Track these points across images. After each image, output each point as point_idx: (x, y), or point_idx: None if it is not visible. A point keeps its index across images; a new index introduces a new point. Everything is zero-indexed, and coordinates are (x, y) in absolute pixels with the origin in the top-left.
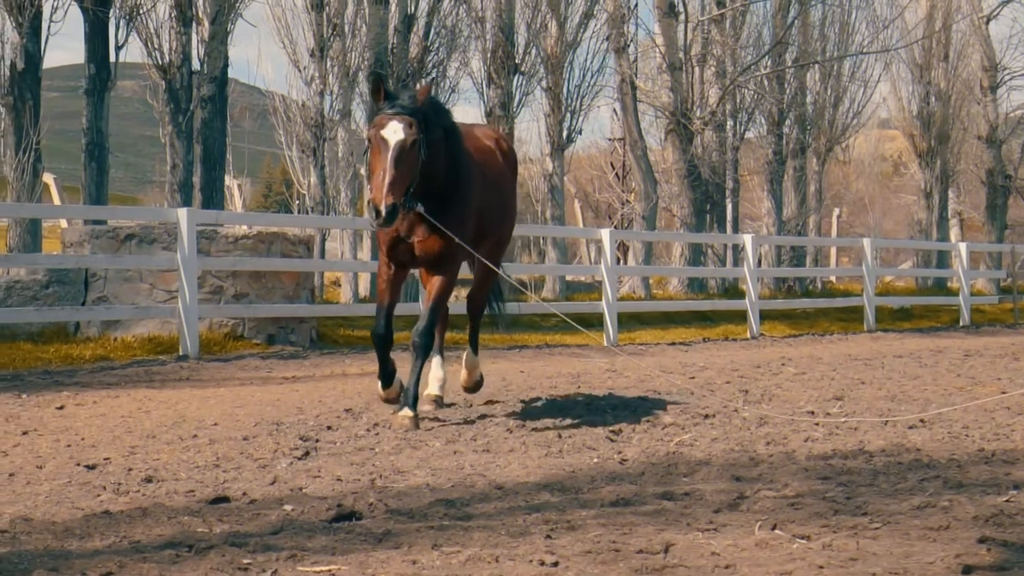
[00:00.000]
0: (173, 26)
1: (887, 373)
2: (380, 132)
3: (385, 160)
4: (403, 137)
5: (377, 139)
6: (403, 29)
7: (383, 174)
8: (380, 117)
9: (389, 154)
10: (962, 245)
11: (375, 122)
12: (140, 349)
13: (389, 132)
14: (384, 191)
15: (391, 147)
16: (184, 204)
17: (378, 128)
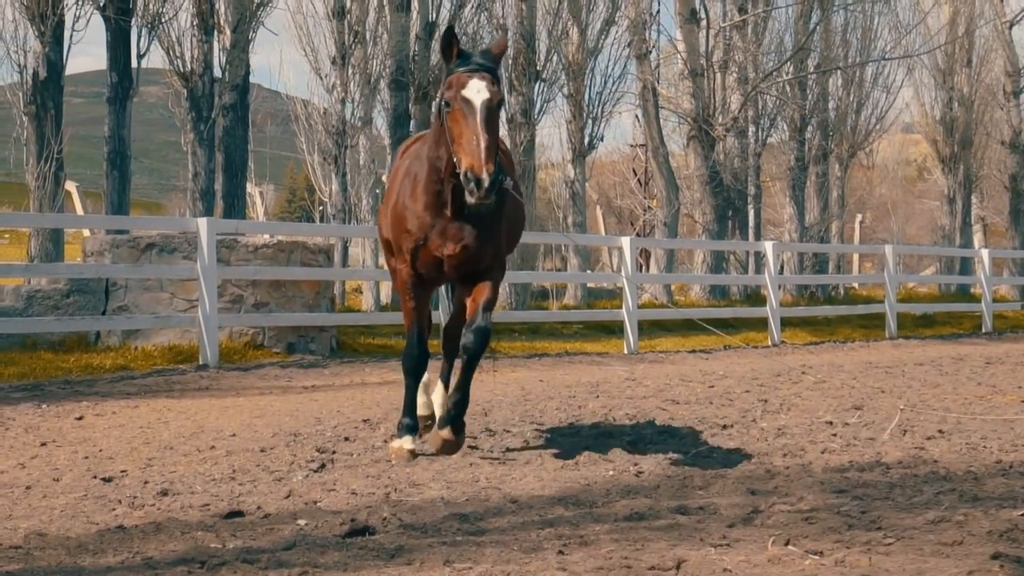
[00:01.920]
0: (195, 34)
1: (907, 381)
2: (462, 92)
3: (474, 123)
4: (488, 96)
5: (459, 100)
6: (424, 36)
7: (476, 138)
8: (457, 75)
9: (477, 116)
10: (984, 251)
11: (452, 81)
12: (160, 358)
13: (472, 91)
14: (483, 157)
15: (477, 108)
16: (206, 212)
17: (458, 87)
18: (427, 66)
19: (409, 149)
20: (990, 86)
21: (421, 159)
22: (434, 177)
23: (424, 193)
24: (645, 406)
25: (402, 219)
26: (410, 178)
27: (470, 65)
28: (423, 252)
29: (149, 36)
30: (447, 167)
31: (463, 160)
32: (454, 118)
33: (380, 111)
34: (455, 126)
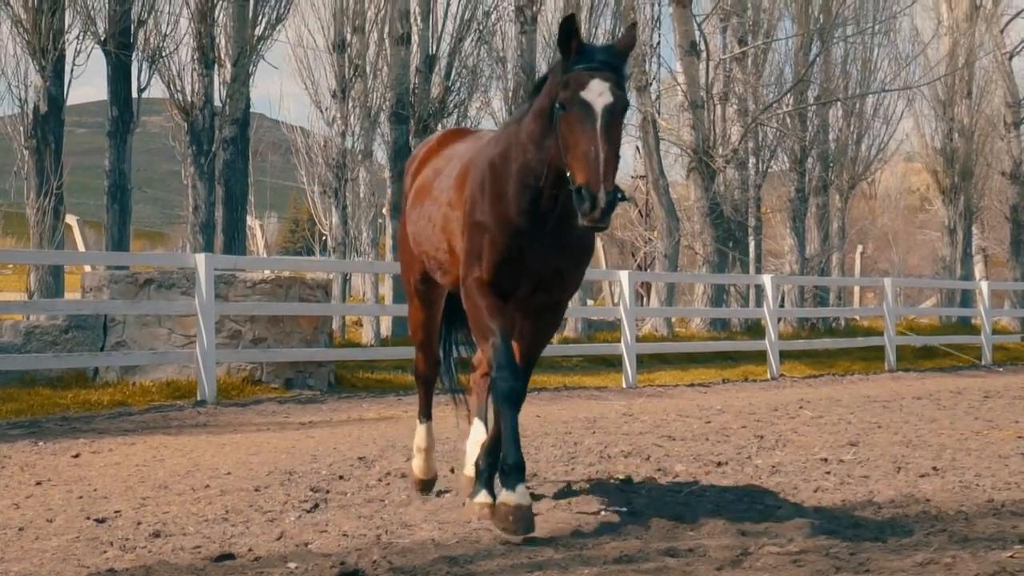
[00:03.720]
0: (195, 68)
1: (904, 416)
2: (581, 94)
3: (594, 131)
4: (611, 100)
5: (577, 103)
6: (424, 69)
7: (594, 150)
8: (577, 74)
9: (597, 123)
10: (983, 283)
11: (570, 80)
12: (158, 394)
13: (593, 94)
14: (602, 172)
15: (599, 114)
16: (206, 245)
17: (577, 88)
18: (427, 99)
19: (445, 149)
20: (990, 117)
21: (508, 158)
22: (530, 181)
23: (517, 198)
24: (641, 442)
25: (480, 226)
26: (481, 177)
27: (592, 63)
28: (509, 265)
29: (150, 70)
30: (549, 175)
31: (578, 173)
32: (569, 123)
33: (380, 144)
34: (570, 133)
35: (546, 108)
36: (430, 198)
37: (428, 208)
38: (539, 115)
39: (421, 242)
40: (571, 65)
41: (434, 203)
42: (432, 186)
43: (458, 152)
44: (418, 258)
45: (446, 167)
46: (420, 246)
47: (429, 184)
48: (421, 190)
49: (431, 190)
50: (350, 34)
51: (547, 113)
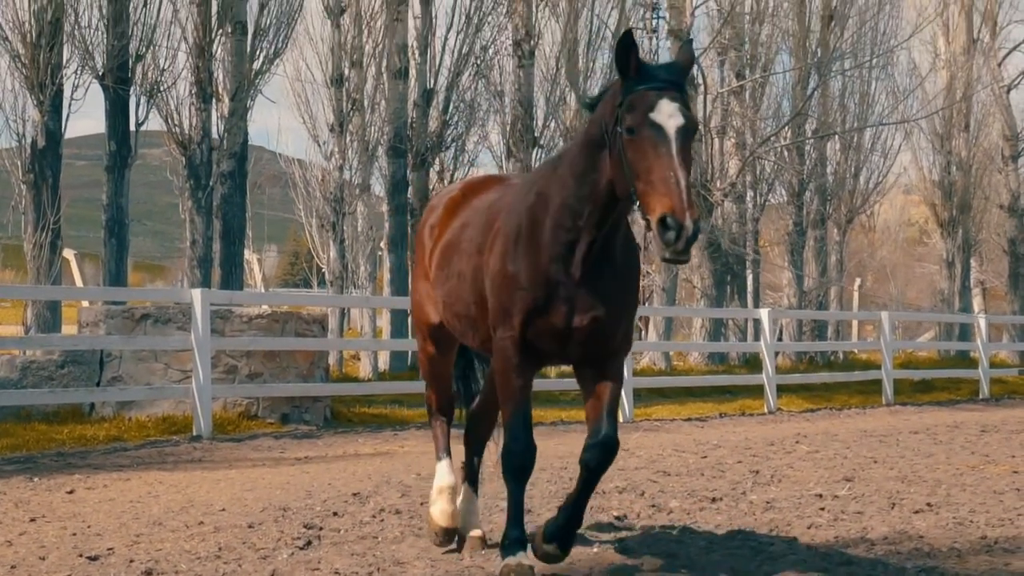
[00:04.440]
0: (193, 102)
1: (901, 451)
2: (651, 116)
3: (670, 156)
4: (684, 122)
5: (647, 125)
6: (422, 103)
7: (673, 175)
8: (642, 95)
9: (673, 146)
10: (981, 317)
11: (635, 101)
12: (154, 429)
13: (664, 115)
14: (684, 199)
15: (672, 137)
16: (204, 279)
17: (646, 110)
18: (425, 133)
19: (471, 199)
20: (988, 150)
21: (545, 199)
22: (567, 223)
23: (552, 243)
24: (636, 478)
25: (510, 277)
26: (515, 223)
27: (658, 82)
28: (542, 319)
29: (148, 104)
30: (592, 214)
31: (657, 202)
32: (639, 148)
33: (378, 177)
34: (640, 159)
35: (596, 136)
36: (459, 253)
37: (458, 264)
38: (587, 145)
39: (453, 302)
40: (633, 85)
41: (464, 257)
42: (461, 240)
43: (487, 201)
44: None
45: (475, 218)
46: (452, 307)
47: (457, 240)
48: (448, 247)
49: (459, 245)
50: (348, 68)
51: (598, 142)
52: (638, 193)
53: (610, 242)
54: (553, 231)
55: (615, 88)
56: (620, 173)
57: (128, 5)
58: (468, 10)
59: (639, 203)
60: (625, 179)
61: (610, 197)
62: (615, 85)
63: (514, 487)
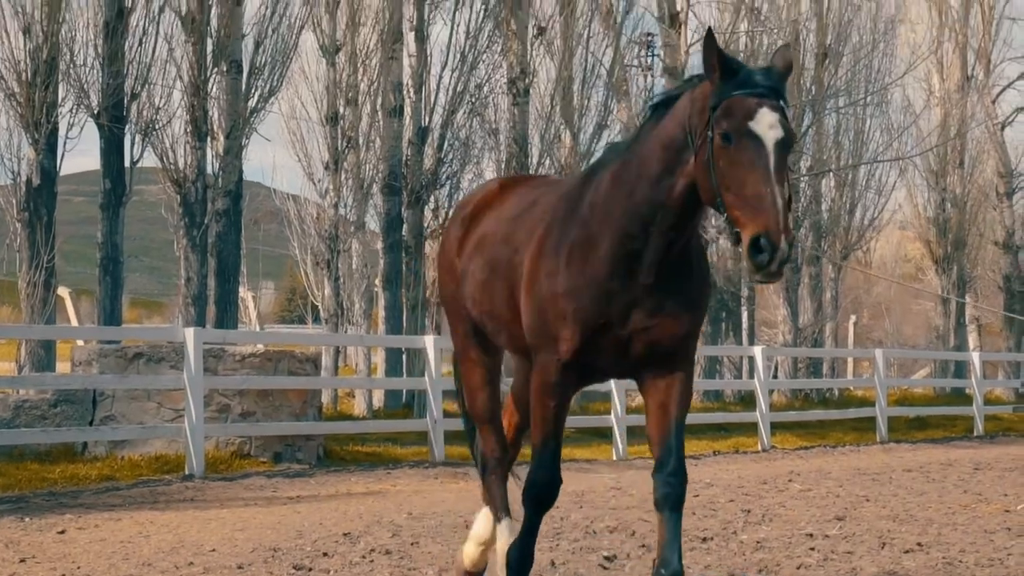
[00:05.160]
0: (188, 140)
1: (893, 489)
2: (749, 125)
3: (768, 171)
4: (784, 135)
5: (747, 135)
6: (417, 141)
7: (771, 192)
8: (739, 100)
9: (771, 160)
10: (975, 354)
11: (731, 107)
12: (147, 468)
13: (763, 125)
14: (781, 219)
15: (771, 150)
16: (198, 317)
17: (743, 117)
18: (420, 170)
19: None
20: (983, 187)
21: (602, 210)
22: (635, 230)
23: (614, 255)
24: (628, 517)
25: (559, 296)
26: (567, 229)
27: (756, 88)
28: (602, 336)
29: (143, 142)
30: (665, 219)
31: (750, 220)
32: (735, 160)
33: (373, 215)
34: (734, 170)
35: (677, 138)
36: (495, 249)
37: (493, 260)
38: (663, 147)
39: (482, 299)
40: (730, 89)
41: (501, 255)
42: (497, 235)
43: (530, 199)
44: (473, 315)
45: (515, 214)
46: (481, 305)
47: (492, 233)
48: (483, 241)
49: (496, 240)
50: (343, 106)
51: (678, 144)
52: (726, 204)
53: (683, 246)
54: (617, 241)
55: (704, 89)
56: (707, 179)
57: (123, 44)
58: (463, 48)
59: (727, 214)
60: (712, 186)
61: (687, 201)
62: (703, 87)
63: (532, 514)
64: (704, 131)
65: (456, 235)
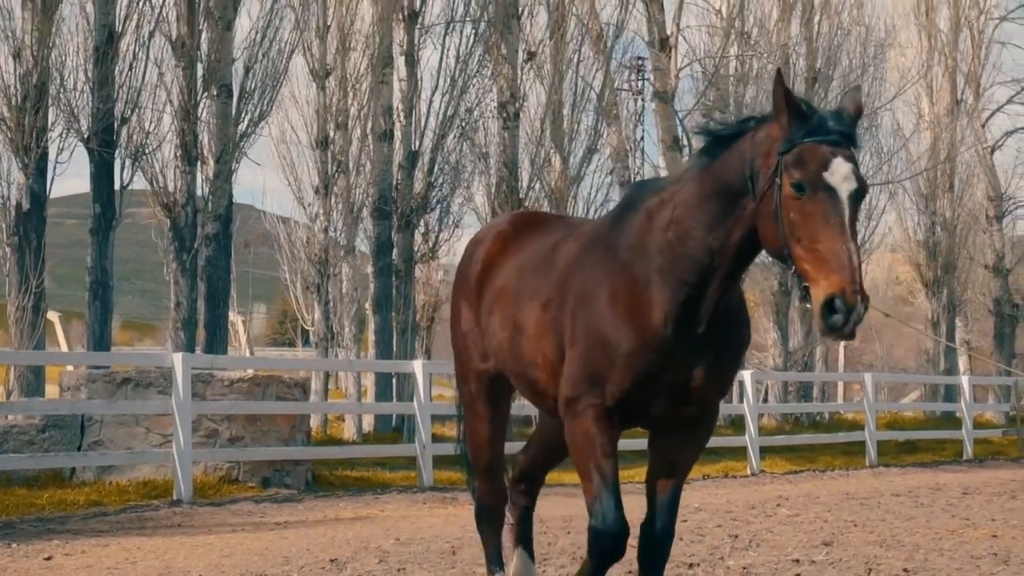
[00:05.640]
0: (178, 165)
1: (881, 514)
2: (823, 175)
3: (843, 226)
4: (857, 187)
5: (822, 187)
6: (407, 165)
7: (846, 249)
8: (812, 148)
9: (845, 215)
10: (964, 378)
11: (806, 155)
12: (135, 493)
13: (838, 176)
14: (857, 278)
15: (846, 204)
16: (188, 341)
17: (818, 168)
18: (410, 194)
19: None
20: (972, 210)
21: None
22: (691, 277)
23: (666, 302)
24: None
25: (606, 343)
26: (605, 275)
27: (829, 134)
28: (646, 384)
29: (133, 167)
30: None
31: (824, 278)
32: (807, 211)
33: (363, 239)
34: (807, 223)
35: (735, 183)
36: (519, 306)
37: (517, 318)
38: (719, 192)
39: (505, 359)
40: (801, 135)
41: (524, 309)
42: (519, 291)
43: (548, 245)
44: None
45: (536, 265)
46: (505, 363)
47: (513, 288)
48: (503, 295)
49: (518, 293)
50: (333, 130)
51: (737, 188)
52: (795, 257)
53: (732, 292)
54: (672, 288)
55: (769, 132)
56: (773, 229)
57: (114, 68)
58: (453, 73)
59: (795, 268)
60: (779, 236)
61: (744, 248)
62: (768, 129)
63: (597, 565)
64: (771, 178)
65: (472, 282)
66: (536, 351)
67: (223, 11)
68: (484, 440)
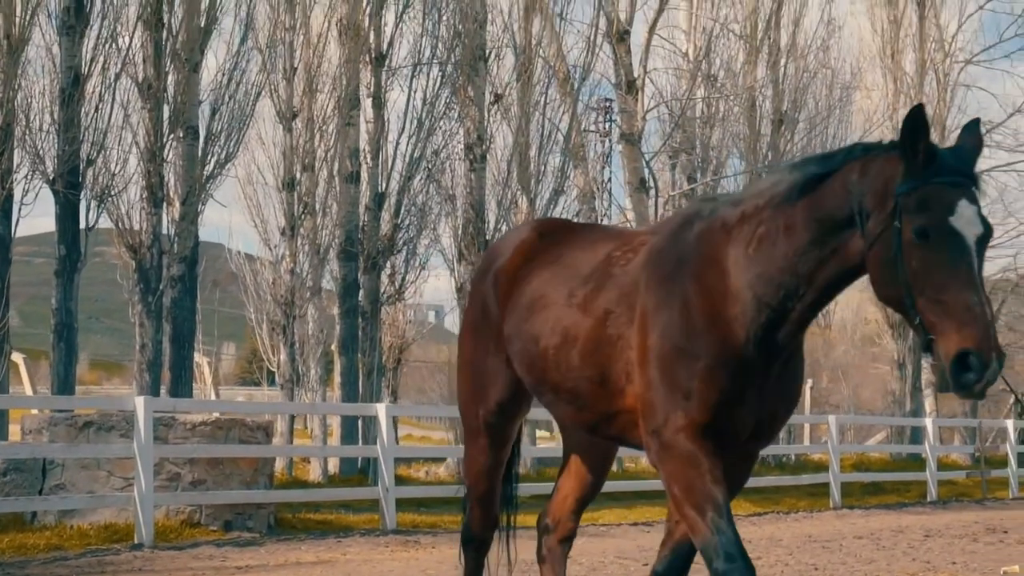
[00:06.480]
0: (144, 207)
1: (842, 557)
2: (951, 221)
3: (971, 275)
4: (983, 231)
5: (948, 233)
6: (374, 207)
7: (976, 300)
8: (940, 191)
9: (974, 261)
10: (928, 420)
11: (930, 198)
12: (96, 537)
13: (964, 222)
14: (990, 333)
15: (973, 251)
16: (153, 383)
17: (944, 212)
18: (376, 236)
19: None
20: None
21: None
22: (774, 300)
23: (751, 320)
24: None
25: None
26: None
27: (954, 176)
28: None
29: (98, 208)
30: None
31: (955, 332)
32: (931, 259)
33: (329, 280)
34: (931, 271)
35: (839, 215)
36: (565, 313)
37: (565, 326)
38: (819, 219)
39: (546, 368)
40: (925, 176)
41: (576, 320)
42: (562, 297)
43: (599, 255)
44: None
45: (583, 272)
46: (543, 373)
47: (554, 295)
48: (541, 302)
49: (563, 302)
50: (300, 172)
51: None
52: (919, 308)
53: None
54: (753, 305)
55: (883, 168)
56: (888, 276)
57: (80, 110)
58: (420, 115)
59: (919, 319)
60: (897, 283)
61: (836, 282)
62: (882, 164)
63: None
64: (886, 220)
65: (494, 293)
66: (589, 364)
67: (190, 53)
68: (482, 469)
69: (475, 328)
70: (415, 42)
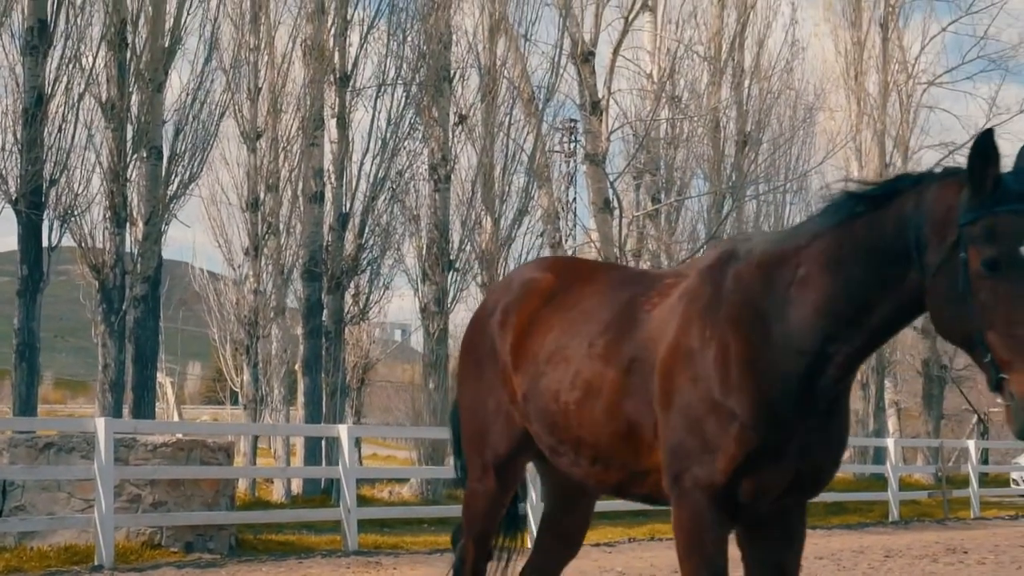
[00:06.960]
0: (107, 227)
1: None
2: (1020, 249)
3: None
4: None
5: (1016, 260)
6: (338, 227)
7: None
8: (1010, 219)
9: None
10: (890, 440)
11: (1000, 228)
12: (56, 559)
13: None
14: None
15: None
16: (115, 403)
17: (1015, 243)
18: (340, 256)
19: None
20: None
21: (762, 311)
22: (814, 346)
23: (783, 370)
24: None
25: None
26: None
27: (1020, 203)
28: (762, 462)
29: (61, 229)
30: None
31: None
32: (1004, 293)
33: (293, 300)
34: (1004, 306)
35: (893, 248)
36: (587, 364)
37: (587, 379)
38: (871, 252)
39: (567, 425)
40: (992, 204)
41: (598, 370)
42: (581, 347)
43: (621, 299)
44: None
45: (606, 320)
46: (564, 432)
47: (571, 345)
48: (560, 355)
49: (585, 354)
50: (264, 192)
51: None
52: (991, 345)
53: (855, 372)
54: (794, 354)
55: (942, 196)
56: (953, 310)
57: (43, 130)
58: (384, 135)
59: (990, 356)
60: (964, 319)
61: (890, 322)
62: (940, 192)
63: None
64: (948, 251)
65: (501, 333)
66: (614, 418)
67: (154, 73)
68: (482, 512)
69: (478, 365)
70: (380, 62)
